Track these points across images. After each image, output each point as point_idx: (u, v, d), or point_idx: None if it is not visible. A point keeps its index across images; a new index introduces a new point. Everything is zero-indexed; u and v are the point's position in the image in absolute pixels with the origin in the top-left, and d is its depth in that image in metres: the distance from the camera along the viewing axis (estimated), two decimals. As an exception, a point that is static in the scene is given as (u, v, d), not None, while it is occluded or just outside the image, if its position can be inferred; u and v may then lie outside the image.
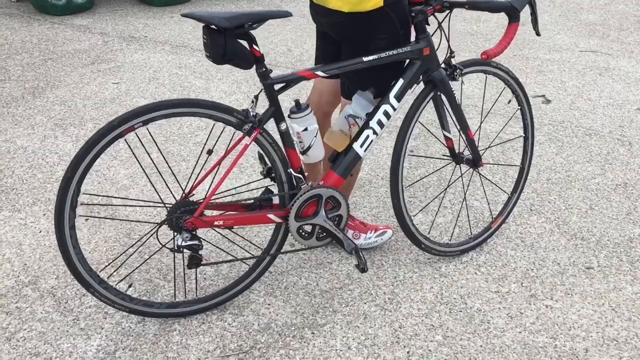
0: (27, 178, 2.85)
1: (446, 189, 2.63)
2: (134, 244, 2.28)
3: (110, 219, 2.30)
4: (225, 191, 2.27)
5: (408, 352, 1.97)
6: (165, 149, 3.15)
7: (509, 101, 2.70)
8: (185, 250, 1.87)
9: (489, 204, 2.74)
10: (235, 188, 2.07)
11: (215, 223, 1.91)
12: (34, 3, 5.45)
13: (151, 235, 2.13)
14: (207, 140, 2.24)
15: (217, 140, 2.17)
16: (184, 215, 1.85)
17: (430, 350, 1.98)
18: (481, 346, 2.00)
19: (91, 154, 1.71)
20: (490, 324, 2.10)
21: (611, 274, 2.36)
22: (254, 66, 1.82)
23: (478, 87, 4.10)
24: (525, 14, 2.15)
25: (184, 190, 1.93)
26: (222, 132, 2.11)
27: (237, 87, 3.99)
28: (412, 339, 2.02)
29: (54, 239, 2.41)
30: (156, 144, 2.02)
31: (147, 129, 1.83)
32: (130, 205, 1.97)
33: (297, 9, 5.76)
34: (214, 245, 2.31)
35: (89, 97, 3.74)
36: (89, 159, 1.71)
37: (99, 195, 2.57)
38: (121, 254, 2.30)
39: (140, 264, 2.28)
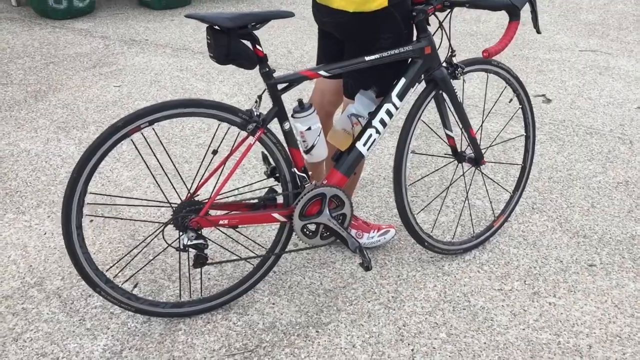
0: (31, 181, 2.86)
1: (449, 187, 2.65)
2: (139, 244, 2.30)
3: (116, 218, 2.31)
4: (229, 191, 2.29)
5: (412, 350, 1.98)
6: (168, 150, 3.16)
7: (510, 100, 2.72)
8: (190, 249, 1.88)
9: (491, 202, 2.75)
10: (238, 188, 2.09)
11: (221, 222, 1.92)
12: (35, 7, 5.47)
13: (157, 235, 2.14)
14: (212, 141, 2.25)
15: (222, 141, 2.18)
16: (189, 215, 1.87)
17: (434, 348, 1.99)
18: (485, 343, 2.01)
19: (98, 153, 1.72)
20: (493, 321, 2.11)
21: (614, 271, 2.38)
22: (257, 66, 1.84)
23: (478, 87, 4.11)
24: (525, 12, 2.16)
25: (189, 190, 1.94)
26: (226, 132, 2.12)
27: (238, 89, 4.00)
28: (416, 336, 2.03)
29: (59, 241, 2.42)
30: (162, 144, 2.03)
31: (153, 129, 1.85)
32: (136, 205, 1.98)
33: (297, 11, 5.77)
34: (219, 245, 2.32)
35: (91, 100, 3.76)
36: (96, 158, 1.73)
37: (105, 195, 2.58)
38: (126, 254, 2.31)
39: (145, 264, 2.29)
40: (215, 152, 1.93)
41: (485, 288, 2.27)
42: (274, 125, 1.92)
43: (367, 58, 1.95)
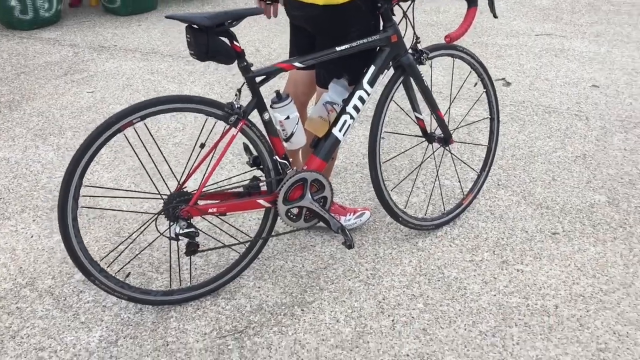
0: (13, 187, 2.91)
1: (420, 165, 2.77)
2: (131, 234, 2.37)
3: (111, 209, 2.38)
4: (214, 184, 2.39)
5: (393, 321, 2.10)
6: (146, 151, 3.23)
7: (475, 84, 2.86)
8: (182, 238, 1.98)
9: (460, 181, 2.90)
10: (223, 180, 2.18)
11: (210, 211, 2.02)
12: (0, 19, 5.46)
13: (149, 224, 2.22)
14: (199, 135, 2.35)
15: (209, 134, 2.28)
16: (180, 205, 1.97)
17: (413, 317, 2.12)
18: (460, 310, 2.15)
19: (92, 148, 1.82)
20: (466, 290, 2.25)
21: (575, 237, 2.54)
22: (236, 61, 1.94)
23: (442, 74, 4.27)
24: (482, 0, 2.31)
25: (179, 182, 2.04)
26: (214, 126, 2.21)
27: (210, 89, 4.09)
28: (395, 308, 2.16)
29: (46, 242, 2.50)
30: (153, 139, 2.12)
31: (145, 124, 1.94)
32: (128, 197, 2.06)
33: (262, 11, 5.87)
34: (207, 235, 2.42)
35: (66, 107, 3.81)
36: (91, 152, 1.82)
37: (99, 187, 2.63)
38: (118, 245, 2.39)
39: (139, 253, 2.37)
40: (203, 146, 2.03)
41: (457, 260, 2.41)
42: (255, 118, 2.02)
43: (338, 48, 2.07)
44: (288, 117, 2.05)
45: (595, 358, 1.95)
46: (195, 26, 1.83)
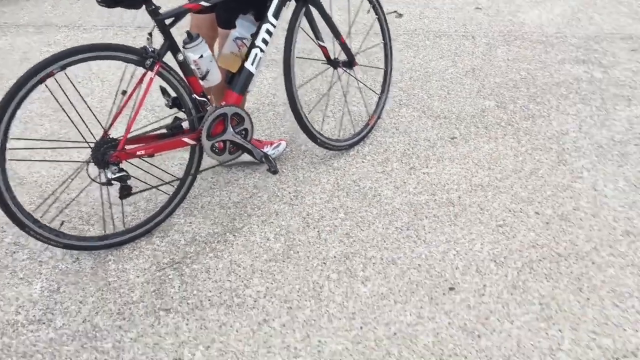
0: None
1: (328, 91, 2.93)
2: (61, 185, 2.40)
3: (38, 161, 2.38)
4: (138, 129, 2.43)
5: (318, 232, 2.30)
6: (57, 117, 3.23)
7: (368, 11, 3.04)
8: (115, 182, 2.05)
9: (365, 105, 3.11)
10: (141, 128, 2.24)
11: (138, 153, 2.10)
12: None
13: (79, 172, 2.24)
14: (120, 82, 2.35)
15: (129, 82, 2.31)
16: (109, 151, 2.03)
17: (336, 226, 2.32)
18: (377, 213, 2.37)
19: (15, 100, 1.86)
20: (381, 196, 2.47)
21: (471, 139, 2.82)
22: (143, 6, 2.00)
23: (338, 14, 4.44)
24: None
25: (104, 128, 2.10)
26: (133, 73, 2.24)
27: (112, 54, 4.06)
28: (319, 221, 2.36)
29: (-31, 217, 2.50)
30: (75, 88, 2.14)
31: (65, 73, 1.97)
32: (54, 148, 2.08)
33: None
34: (138, 179, 2.49)
35: (-37, 88, 3.69)
36: (14, 104, 1.86)
37: (26, 140, 2.61)
38: (48, 197, 2.42)
39: (71, 201, 2.43)
40: (124, 93, 2.07)
41: (370, 173, 2.62)
42: (170, 61, 2.10)
43: None
44: (202, 56, 2.15)
45: (495, 232, 2.22)
46: None
